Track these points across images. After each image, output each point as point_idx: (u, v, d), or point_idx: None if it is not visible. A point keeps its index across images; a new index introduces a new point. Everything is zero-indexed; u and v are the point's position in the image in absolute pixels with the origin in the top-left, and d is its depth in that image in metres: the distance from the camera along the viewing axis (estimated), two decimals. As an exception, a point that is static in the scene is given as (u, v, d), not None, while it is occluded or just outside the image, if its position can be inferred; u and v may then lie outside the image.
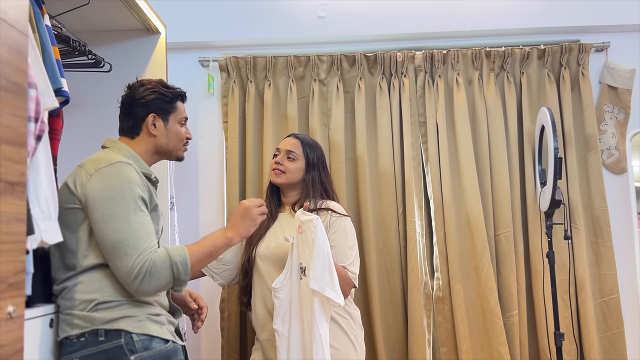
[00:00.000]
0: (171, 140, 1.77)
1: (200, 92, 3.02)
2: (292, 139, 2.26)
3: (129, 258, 1.50)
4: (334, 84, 2.90)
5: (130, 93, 1.77)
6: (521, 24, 2.93)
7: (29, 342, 1.45)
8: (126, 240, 1.51)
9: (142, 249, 1.52)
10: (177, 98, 1.80)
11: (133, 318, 1.55)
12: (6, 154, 0.97)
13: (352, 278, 2.07)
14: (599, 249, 2.78)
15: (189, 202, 2.96)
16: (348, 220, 2.15)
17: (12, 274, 0.97)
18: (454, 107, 2.85)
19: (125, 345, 1.52)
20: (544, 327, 2.67)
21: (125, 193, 1.56)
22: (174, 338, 1.64)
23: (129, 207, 1.55)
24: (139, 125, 1.74)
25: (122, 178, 1.58)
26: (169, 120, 1.77)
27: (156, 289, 1.55)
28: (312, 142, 2.28)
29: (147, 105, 1.73)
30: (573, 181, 2.78)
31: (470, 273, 2.74)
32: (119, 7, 2.24)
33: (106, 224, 1.53)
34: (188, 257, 1.58)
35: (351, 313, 2.13)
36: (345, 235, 2.11)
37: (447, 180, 2.78)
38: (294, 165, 2.19)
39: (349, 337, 2.07)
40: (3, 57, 0.97)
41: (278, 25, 2.98)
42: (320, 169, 2.23)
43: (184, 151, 1.83)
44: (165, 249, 1.57)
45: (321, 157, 2.25)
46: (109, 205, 1.54)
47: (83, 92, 2.35)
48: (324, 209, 2.14)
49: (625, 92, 2.91)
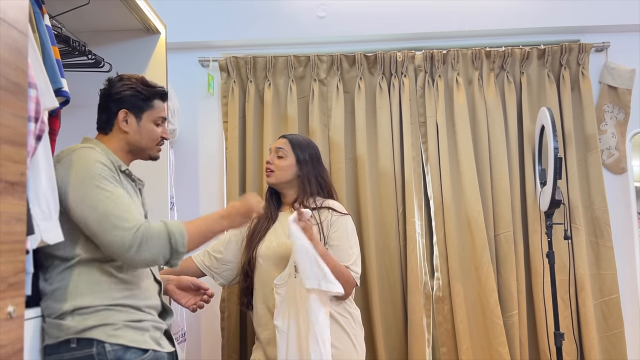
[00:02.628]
0: (143, 138, 1.71)
1: (200, 92, 3.02)
2: (281, 139, 2.28)
3: (119, 229, 1.46)
4: (334, 84, 2.90)
5: (107, 87, 1.73)
6: (521, 24, 2.93)
7: (29, 342, 1.45)
8: (109, 212, 1.47)
9: (129, 218, 1.48)
10: (155, 96, 1.74)
11: (109, 326, 1.49)
12: (6, 154, 0.97)
13: (354, 277, 2.08)
14: (599, 249, 2.78)
15: (189, 202, 2.96)
16: (349, 219, 2.16)
17: (12, 274, 0.97)
18: (454, 107, 2.85)
19: (96, 355, 1.46)
20: (544, 327, 2.67)
21: (93, 171, 1.51)
22: (157, 346, 1.56)
23: (101, 183, 1.51)
24: (111, 121, 1.70)
25: (86, 159, 1.54)
26: (142, 118, 1.71)
27: (153, 258, 1.50)
28: (303, 140, 2.27)
29: (121, 100, 1.69)
30: (573, 181, 2.78)
31: (470, 273, 2.74)
32: (119, 7, 2.24)
33: (82, 204, 1.48)
34: (185, 229, 1.55)
35: (351, 312, 2.13)
36: (346, 234, 2.12)
37: (447, 180, 2.78)
38: (283, 162, 2.19)
39: (349, 337, 2.07)
40: (3, 57, 0.97)
41: (278, 25, 2.98)
42: (314, 165, 2.21)
43: (158, 151, 1.77)
44: (161, 220, 1.54)
45: (314, 154, 2.24)
46: (80, 187, 1.50)
47: (83, 92, 2.34)
48: (324, 208, 2.14)
49: (625, 92, 2.91)
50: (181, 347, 2.56)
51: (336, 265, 2.00)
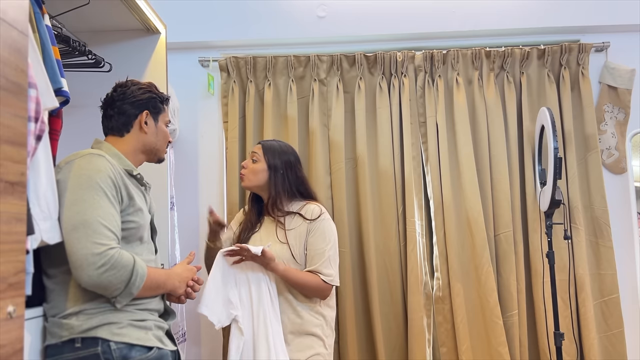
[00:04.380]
0: (159, 139, 1.80)
1: (200, 92, 3.02)
2: (257, 144, 2.34)
3: (92, 243, 1.44)
4: (334, 84, 2.90)
5: (122, 91, 1.77)
6: (521, 24, 2.93)
7: (29, 342, 1.45)
8: (90, 223, 1.46)
9: (109, 239, 1.47)
10: (164, 100, 1.84)
11: (114, 325, 1.51)
12: (6, 154, 0.97)
13: (326, 280, 2.12)
14: (599, 249, 2.78)
15: (189, 202, 2.96)
16: (323, 222, 2.19)
17: (12, 274, 0.97)
18: (454, 107, 2.85)
19: (102, 353, 1.47)
20: (543, 327, 2.67)
21: (94, 181, 1.52)
22: (161, 344, 1.59)
23: (97, 195, 1.51)
24: (130, 122, 1.75)
25: (91, 167, 1.55)
26: (158, 120, 1.80)
27: (107, 285, 1.46)
28: (277, 146, 2.30)
29: (141, 103, 1.76)
30: (573, 181, 2.78)
31: (470, 273, 2.74)
32: (119, 7, 2.24)
33: (71, 207, 1.48)
34: (146, 276, 1.54)
35: (324, 314, 2.17)
36: (322, 237, 2.16)
37: (447, 180, 2.78)
38: (254, 166, 2.25)
39: (324, 345, 2.14)
40: (3, 57, 0.97)
41: (278, 25, 2.98)
42: (286, 172, 2.24)
43: (165, 152, 1.87)
44: (132, 255, 1.53)
45: (287, 160, 2.26)
46: (76, 191, 1.50)
47: (83, 92, 2.34)
48: (294, 213, 2.20)
49: (625, 92, 2.91)
50: (181, 347, 2.55)
51: (299, 279, 2.10)
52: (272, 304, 2.06)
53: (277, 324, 2.04)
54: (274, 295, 2.08)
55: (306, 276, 2.11)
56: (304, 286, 2.11)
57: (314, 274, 2.13)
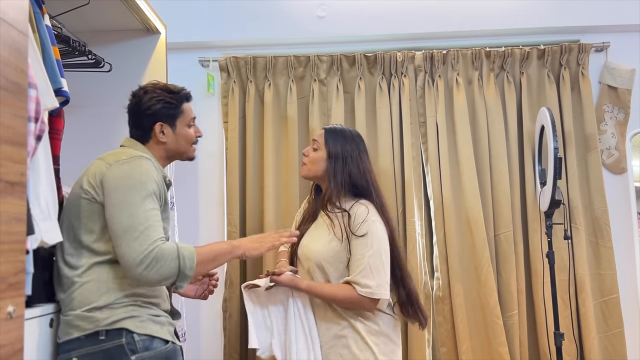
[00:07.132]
0: (181, 144, 1.80)
1: (200, 92, 3.02)
2: (321, 130, 2.15)
3: (139, 244, 1.51)
4: (334, 84, 2.90)
5: (135, 102, 1.77)
6: (521, 24, 2.93)
7: (29, 342, 1.45)
8: (137, 226, 1.52)
9: (153, 237, 1.53)
10: (182, 101, 1.80)
11: (136, 318, 1.57)
12: (6, 154, 0.97)
13: (363, 293, 1.88)
14: (599, 249, 2.78)
15: (189, 202, 2.96)
16: (368, 224, 1.95)
17: (12, 274, 0.97)
18: (454, 107, 2.85)
19: (126, 344, 1.53)
20: (543, 327, 2.67)
21: (143, 185, 1.59)
22: (173, 339, 1.66)
23: (145, 198, 1.57)
24: (147, 134, 1.76)
25: (142, 171, 1.61)
26: (176, 126, 1.79)
27: (159, 279, 1.53)
28: (340, 132, 2.10)
29: (153, 114, 1.75)
30: (573, 181, 2.78)
31: (470, 273, 2.74)
32: (119, 7, 2.24)
33: (121, 208, 1.54)
34: (195, 253, 1.59)
35: (379, 323, 1.98)
36: (364, 242, 1.93)
37: (447, 180, 2.78)
38: (314, 155, 2.08)
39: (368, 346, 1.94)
40: (3, 57, 0.97)
41: (278, 25, 2.98)
42: (346, 161, 2.03)
43: (194, 151, 1.87)
44: (174, 242, 1.59)
45: (349, 148, 2.05)
46: (127, 192, 1.56)
47: (83, 92, 2.35)
48: (343, 211, 1.99)
49: (625, 92, 2.91)
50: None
51: (325, 293, 1.93)
52: (302, 323, 1.93)
53: (304, 340, 1.91)
54: (302, 311, 1.94)
55: (333, 289, 1.92)
56: (333, 299, 1.92)
57: (349, 284, 1.91)
